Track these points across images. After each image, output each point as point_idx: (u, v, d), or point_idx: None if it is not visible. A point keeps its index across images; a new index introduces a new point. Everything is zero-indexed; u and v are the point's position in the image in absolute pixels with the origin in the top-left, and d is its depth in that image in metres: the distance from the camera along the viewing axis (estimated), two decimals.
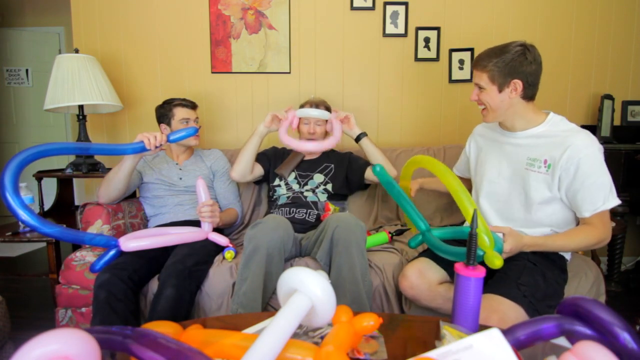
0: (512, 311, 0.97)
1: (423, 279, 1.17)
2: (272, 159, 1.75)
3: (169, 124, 1.62)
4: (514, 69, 1.05)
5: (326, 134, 1.73)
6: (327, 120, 1.68)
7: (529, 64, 1.05)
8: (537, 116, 1.12)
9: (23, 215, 1.00)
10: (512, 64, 1.05)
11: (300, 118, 1.67)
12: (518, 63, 1.05)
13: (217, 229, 1.55)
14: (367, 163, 1.72)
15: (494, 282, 1.05)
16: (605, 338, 0.47)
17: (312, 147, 1.63)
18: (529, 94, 1.09)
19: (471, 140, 1.37)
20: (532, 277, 1.04)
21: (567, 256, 1.18)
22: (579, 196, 1.03)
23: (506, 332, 0.52)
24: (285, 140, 1.58)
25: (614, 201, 1.03)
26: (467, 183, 1.42)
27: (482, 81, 1.11)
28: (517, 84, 1.07)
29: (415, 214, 1.20)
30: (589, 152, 1.01)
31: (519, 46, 1.06)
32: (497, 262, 0.88)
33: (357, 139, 1.63)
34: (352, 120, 1.62)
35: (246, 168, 1.63)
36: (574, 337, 0.51)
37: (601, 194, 1.01)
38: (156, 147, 1.31)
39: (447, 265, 1.19)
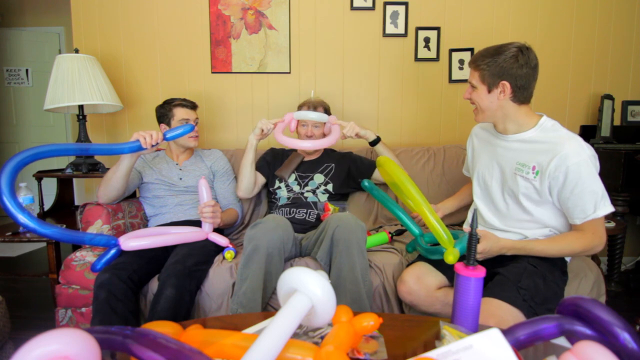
0: (510, 315, 0.96)
1: (421, 284, 1.17)
2: (272, 163, 1.75)
3: (168, 124, 1.62)
4: (504, 71, 1.05)
5: (324, 135, 1.73)
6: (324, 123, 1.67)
7: (519, 67, 1.04)
8: (529, 120, 1.11)
9: (21, 218, 0.99)
10: (502, 64, 1.04)
11: (297, 120, 1.67)
12: (509, 65, 1.04)
13: (217, 229, 1.55)
14: (373, 163, 1.74)
15: (493, 285, 1.04)
16: (605, 338, 0.47)
17: (309, 145, 1.57)
18: (520, 98, 1.08)
19: (469, 140, 1.37)
20: (532, 280, 1.03)
21: (567, 257, 1.18)
22: (569, 204, 1.03)
23: (506, 332, 0.52)
24: (282, 141, 1.55)
25: (606, 209, 1.01)
26: None
27: (474, 80, 1.11)
28: (505, 86, 1.06)
29: (408, 220, 1.20)
30: (577, 160, 0.99)
31: (515, 48, 1.05)
32: (450, 258, 0.95)
33: (374, 143, 1.62)
34: (359, 130, 1.55)
35: (250, 183, 1.63)
36: (574, 337, 0.51)
37: (591, 202, 1.00)
38: (152, 145, 1.29)
39: (446, 269, 1.18)
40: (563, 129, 1.08)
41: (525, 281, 1.02)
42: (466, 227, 1.38)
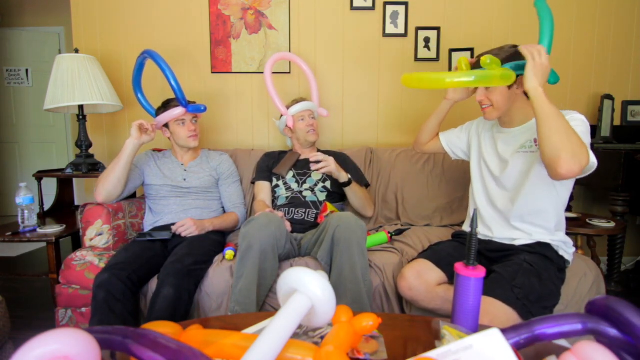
0: (503, 313, 0.97)
1: (421, 280, 1.17)
2: (270, 165, 1.77)
3: (166, 125, 1.63)
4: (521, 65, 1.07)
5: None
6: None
7: None
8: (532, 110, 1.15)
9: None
10: (520, 59, 1.06)
11: (293, 117, 1.73)
12: (520, 59, 1.06)
13: (217, 231, 1.57)
14: (362, 177, 1.80)
15: (488, 282, 1.04)
16: (632, 342, 0.46)
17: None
18: None
19: (474, 125, 1.42)
20: (527, 279, 1.03)
21: (569, 257, 1.18)
22: None
23: (527, 325, 0.52)
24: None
25: (592, 156, 0.96)
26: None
27: None
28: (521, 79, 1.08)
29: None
30: (570, 116, 1.04)
31: (512, 47, 1.11)
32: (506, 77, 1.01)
33: (347, 184, 1.56)
34: (334, 171, 1.49)
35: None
36: (602, 338, 0.50)
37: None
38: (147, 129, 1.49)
39: (445, 267, 1.19)
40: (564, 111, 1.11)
41: (520, 280, 1.03)
42: (466, 227, 1.39)
